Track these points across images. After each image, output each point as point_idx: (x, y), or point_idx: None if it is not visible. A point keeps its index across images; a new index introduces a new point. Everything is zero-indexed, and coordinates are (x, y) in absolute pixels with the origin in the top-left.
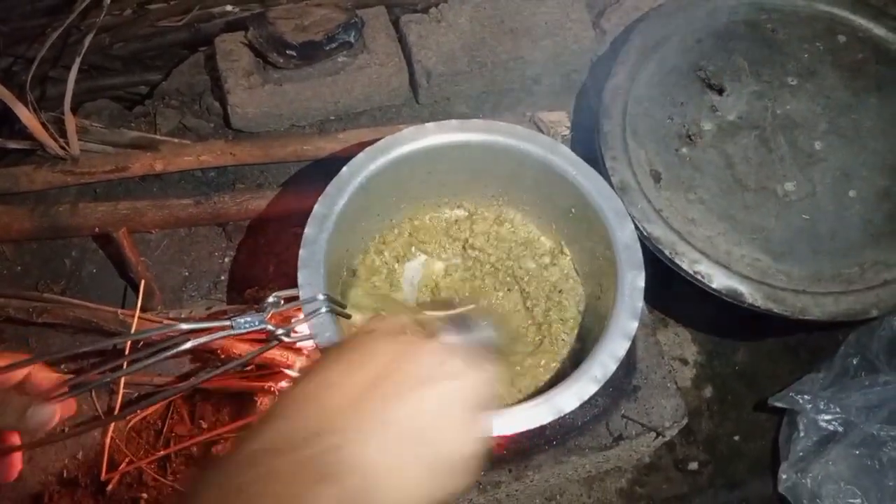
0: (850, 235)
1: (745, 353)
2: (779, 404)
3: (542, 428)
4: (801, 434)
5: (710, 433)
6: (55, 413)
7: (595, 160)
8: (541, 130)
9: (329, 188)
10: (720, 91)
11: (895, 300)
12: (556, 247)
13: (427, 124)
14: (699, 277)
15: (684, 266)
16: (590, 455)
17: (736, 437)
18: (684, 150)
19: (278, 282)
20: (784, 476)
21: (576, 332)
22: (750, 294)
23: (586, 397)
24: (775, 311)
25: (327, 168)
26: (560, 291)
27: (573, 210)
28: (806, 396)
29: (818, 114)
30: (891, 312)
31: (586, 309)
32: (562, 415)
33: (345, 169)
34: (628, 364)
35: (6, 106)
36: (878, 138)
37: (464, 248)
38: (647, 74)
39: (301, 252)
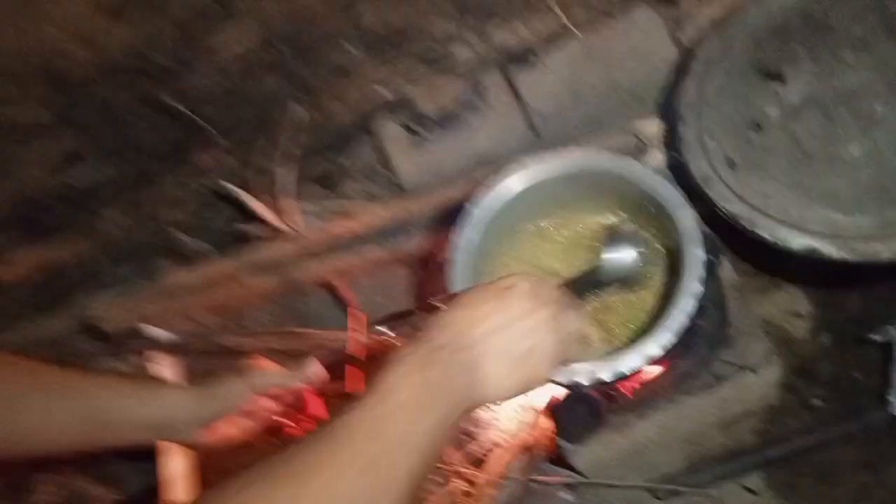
0: None
1: (856, 300)
2: (876, 338)
3: (653, 377)
4: None
5: (831, 374)
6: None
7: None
8: (641, 142)
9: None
10: (782, 80)
11: None
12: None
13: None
14: (779, 243)
15: (765, 235)
16: (700, 396)
17: (854, 374)
18: (754, 136)
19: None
20: (892, 400)
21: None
22: (825, 248)
23: (668, 345)
24: (849, 259)
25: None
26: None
27: (652, 208)
28: None
29: (876, 80)
30: None
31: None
32: (650, 359)
33: (474, 202)
34: (722, 319)
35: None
36: None
37: None
38: (714, 81)
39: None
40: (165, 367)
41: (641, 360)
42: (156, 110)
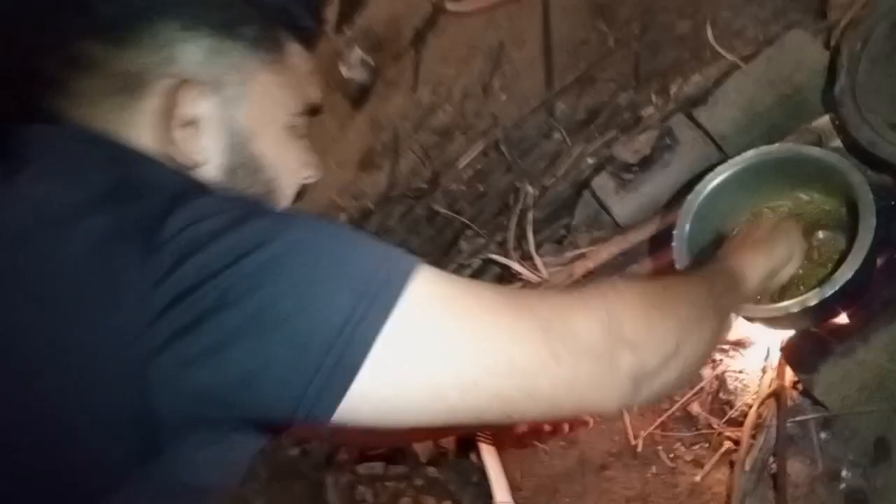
0: None
1: None
2: None
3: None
4: None
5: None
6: None
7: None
8: (817, 136)
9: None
10: None
11: None
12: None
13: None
14: None
15: None
16: None
17: None
18: None
19: None
20: None
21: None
22: None
23: (858, 267)
24: None
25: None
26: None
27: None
28: None
29: None
30: None
31: None
32: (846, 283)
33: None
34: None
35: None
36: None
37: None
38: (861, 66)
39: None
40: None
41: (840, 284)
42: (422, 221)
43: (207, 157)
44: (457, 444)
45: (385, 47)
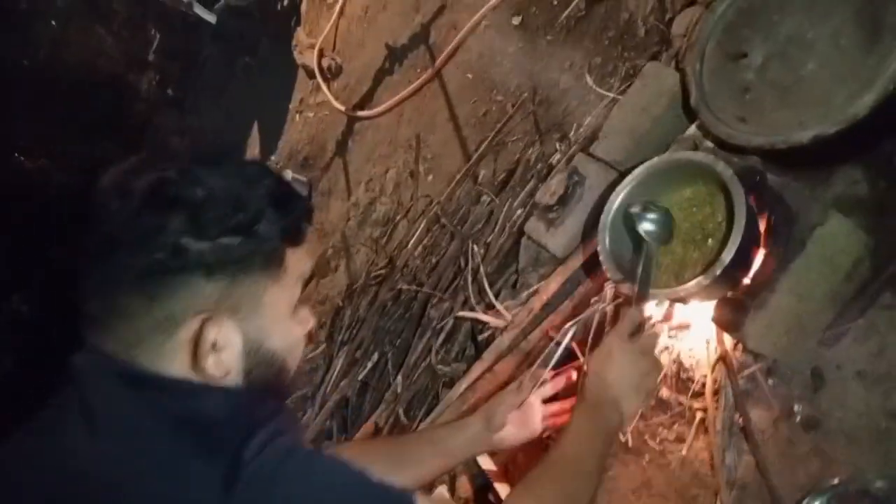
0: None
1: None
2: None
3: (761, 262)
4: None
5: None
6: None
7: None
8: (694, 141)
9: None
10: (744, 55)
11: None
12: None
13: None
14: (796, 144)
15: (784, 147)
16: (799, 259)
17: None
18: (747, 96)
19: None
20: None
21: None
22: (822, 130)
23: (742, 236)
24: (841, 128)
25: None
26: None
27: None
28: None
29: (801, 20)
30: None
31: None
32: (735, 252)
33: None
34: (787, 210)
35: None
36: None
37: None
38: (704, 79)
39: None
40: None
41: (728, 258)
42: (389, 303)
43: (229, 369)
44: (473, 492)
45: (313, 163)
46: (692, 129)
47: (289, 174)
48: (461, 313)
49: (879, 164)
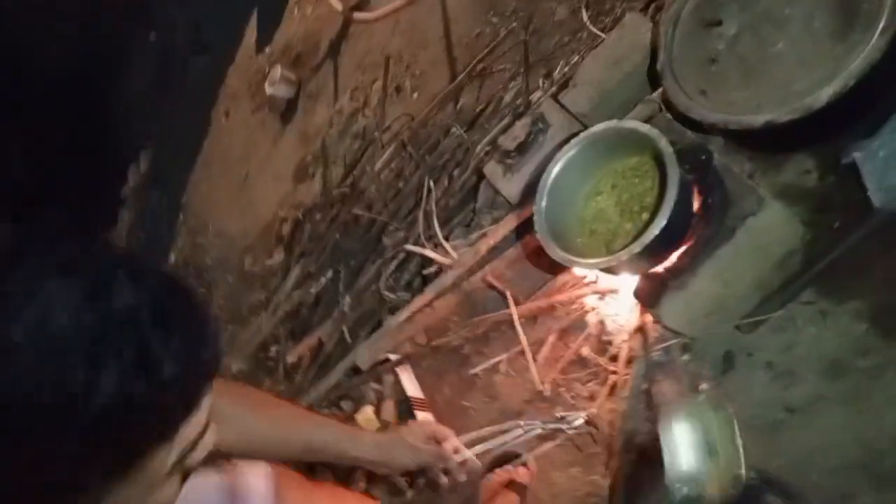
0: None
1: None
2: (846, 161)
3: (687, 247)
4: None
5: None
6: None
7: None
8: (658, 105)
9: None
10: (719, 24)
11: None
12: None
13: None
14: (749, 127)
15: (736, 128)
16: (728, 245)
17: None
18: (713, 68)
19: None
20: (871, 197)
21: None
22: (778, 117)
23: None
24: (795, 116)
25: None
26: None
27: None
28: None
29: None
30: None
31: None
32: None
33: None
34: (724, 193)
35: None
36: None
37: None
38: (675, 43)
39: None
40: (405, 374)
41: (654, 233)
42: (350, 223)
43: None
44: (396, 416)
45: (304, 62)
46: (658, 91)
47: (279, 70)
48: (409, 247)
49: (831, 158)
